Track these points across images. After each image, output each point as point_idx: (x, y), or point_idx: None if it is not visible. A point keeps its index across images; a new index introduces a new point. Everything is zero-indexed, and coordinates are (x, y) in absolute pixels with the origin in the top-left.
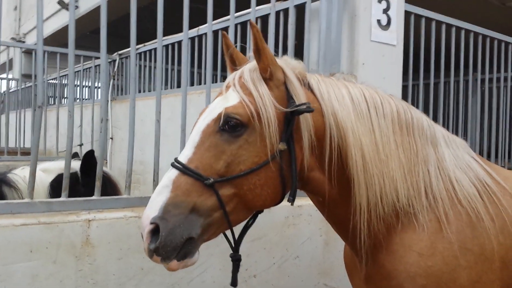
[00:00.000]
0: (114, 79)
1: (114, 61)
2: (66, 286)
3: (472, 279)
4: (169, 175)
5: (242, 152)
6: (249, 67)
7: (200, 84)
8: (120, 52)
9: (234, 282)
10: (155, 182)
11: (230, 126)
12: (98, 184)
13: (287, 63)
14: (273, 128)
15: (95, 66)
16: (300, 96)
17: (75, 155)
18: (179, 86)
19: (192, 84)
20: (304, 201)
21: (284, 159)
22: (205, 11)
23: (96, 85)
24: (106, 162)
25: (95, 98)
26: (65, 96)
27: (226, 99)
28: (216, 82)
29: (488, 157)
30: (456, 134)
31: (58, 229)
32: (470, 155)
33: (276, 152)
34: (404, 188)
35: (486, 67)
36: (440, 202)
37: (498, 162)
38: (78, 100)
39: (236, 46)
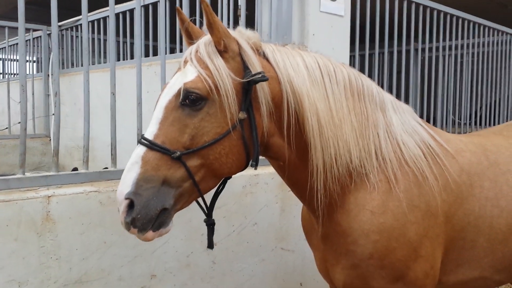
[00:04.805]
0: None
1: None
2: (29, 262)
3: (420, 233)
4: (137, 152)
5: (204, 124)
6: (204, 41)
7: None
8: (59, 23)
9: (210, 244)
10: (113, 156)
11: (191, 100)
12: (55, 159)
13: (241, 34)
14: (231, 98)
15: (34, 38)
16: (256, 65)
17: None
18: (132, 57)
19: (147, 55)
20: (260, 170)
21: (245, 127)
22: None
23: (34, 59)
24: (50, 140)
25: (35, 72)
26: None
27: (184, 74)
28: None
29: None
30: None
31: (17, 206)
32: (416, 120)
33: (237, 121)
34: (356, 150)
35: (427, 37)
36: (389, 163)
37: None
38: (15, 76)
39: (194, 18)
